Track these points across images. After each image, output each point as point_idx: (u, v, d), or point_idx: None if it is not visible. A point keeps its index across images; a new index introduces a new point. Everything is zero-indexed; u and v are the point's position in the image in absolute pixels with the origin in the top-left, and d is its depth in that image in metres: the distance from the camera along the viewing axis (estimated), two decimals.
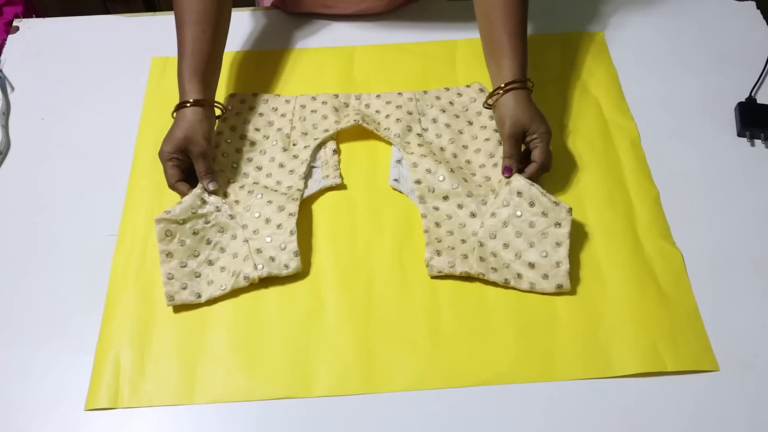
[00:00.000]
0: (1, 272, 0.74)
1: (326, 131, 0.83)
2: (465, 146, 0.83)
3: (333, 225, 0.77)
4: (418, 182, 0.78)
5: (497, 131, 0.83)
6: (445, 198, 0.77)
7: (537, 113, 0.78)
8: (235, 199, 0.77)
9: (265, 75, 0.92)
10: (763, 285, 0.72)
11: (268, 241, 0.73)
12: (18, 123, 0.88)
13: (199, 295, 0.71)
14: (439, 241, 0.74)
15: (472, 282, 0.72)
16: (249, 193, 0.77)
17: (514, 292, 0.71)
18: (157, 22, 1.00)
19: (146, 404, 0.65)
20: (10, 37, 0.98)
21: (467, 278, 0.72)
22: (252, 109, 0.87)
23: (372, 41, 0.96)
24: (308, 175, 0.80)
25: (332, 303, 0.71)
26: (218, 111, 0.81)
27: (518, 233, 0.73)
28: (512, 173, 0.76)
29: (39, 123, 0.88)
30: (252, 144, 0.83)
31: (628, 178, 0.80)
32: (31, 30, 0.99)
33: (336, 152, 0.83)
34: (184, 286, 0.71)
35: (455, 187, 0.77)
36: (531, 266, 0.72)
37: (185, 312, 0.71)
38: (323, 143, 0.83)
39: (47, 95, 0.91)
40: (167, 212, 0.73)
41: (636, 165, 0.82)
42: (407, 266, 0.74)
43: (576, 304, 0.71)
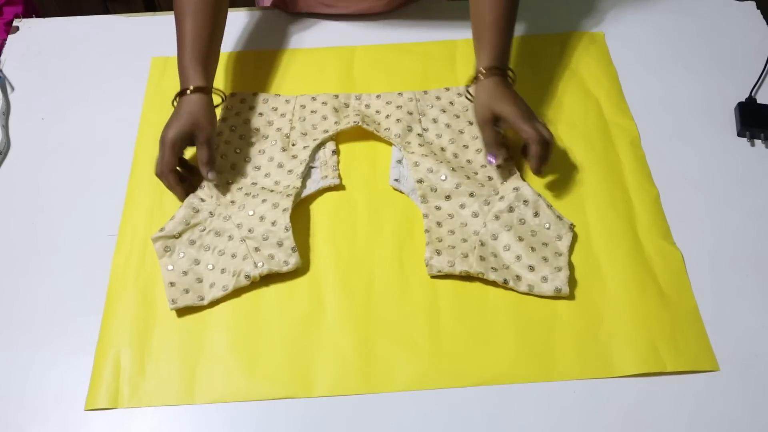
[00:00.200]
0: (1, 272, 0.74)
1: (326, 132, 0.83)
2: (466, 146, 0.83)
3: (333, 225, 0.77)
4: (420, 182, 0.78)
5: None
6: (448, 197, 0.77)
7: (505, 96, 0.76)
8: (231, 200, 0.77)
9: (265, 75, 0.92)
10: (763, 285, 0.72)
11: (265, 239, 0.73)
12: (18, 123, 0.88)
13: (202, 298, 0.71)
14: (440, 241, 0.74)
15: (472, 282, 0.72)
16: (246, 195, 0.77)
17: (514, 293, 0.71)
18: (157, 22, 1.00)
19: (146, 404, 0.65)
20: (10, 37, 0.98)
21: (467, 278, 0.72)
22: (252, 109, 0.87)
23: (372, 41, 0.96)
24: (307, 176, 0.80)
25: (332, 303, 0.71)
26: (218, 99, 0.82)
27: (520, 238, 0.73)
28: (497, 161, 0.76)
29: (39, 123, 0.88)
30: (251, 144, 0.83)
31: (628, 178, 0.80)
32: (31, 30, 0.99)
33: (335, 153, 0.82)
34: (187, 291, 0.71)
35: (457, 187, 0.77)
36: (531, 269, 0.72)
37: (185, 312, 0.71)
38: (323, 144, 0.83)
39: (47, 95, 0.91)
40: (162, 230, 0.73)
41: (636, 165, 0.82)
42: (407, 266, 0.74)
43: (576, 304, 0.71)
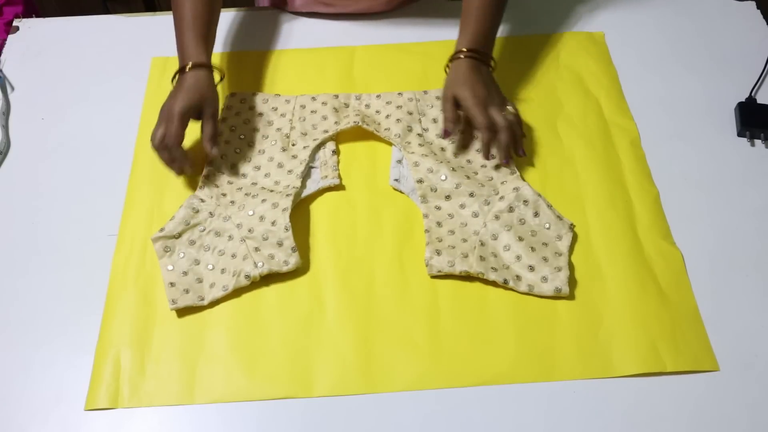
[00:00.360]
0: (1, 272, 0.74)
1: (326, 132, 0.83)
2: (466, 146, 0.83)
3: (333, 225, 0.77)
4: (420, 182, 0.78)
5: None
6: (448, 197, 0.77)
7: (468, 80, 0.79)
8: (231, 200, 0.77)
9: (265, 75, 0.92)
10: (763, 285, 0.72)
11: (265, 239, 0.73)
12: (18, 123, 0.88)
13: (202, 299, 0.71)
14: (440, 241, 0.74)
15: (472, 282, 0.72)
16: (246, 195, 0.77)
17: (515, 293, 0.71)
18: (157, 22, 1.00)
19: (146, 404, 0.65)
20: (10, 37, 0.98)
21: (467, 278, 0.72)
22: (251, 109, 0.87)
23: (372, 41, 0.96)
24: (307, 176, 0.80)
25: (332, 303, 0.71)
26: (218, 77, 0.82)
27: (520, 238, 0.73)
28: (449, 135, 0.80)
29: (39, 123, 0.88)
30: (251, 144, 0.83)
31: (628, 178, 0.80)
32: (31, 30, 0.99)
33: (335, 153, 0.82)
34: (187, 291, 0.71)
35: (457, 187, 0.77)
36: (531, 269, 0.71)
37: (185, 312, 0.71)
38: (323, 144, 0.83)
39: (47, 95, 0.91)
40: (162, 230, 0.74)
41: (636, 165, 0.82)
42: (407, 266, 0.74)
43: (576, 304, 0.71)
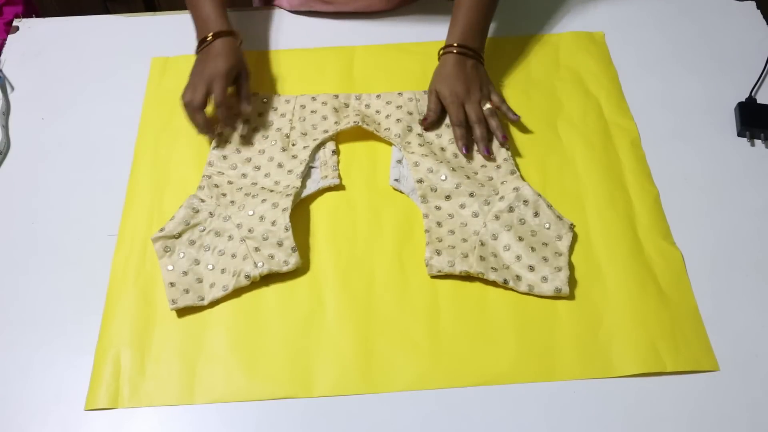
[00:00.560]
0: (1, 272, 0.74)
1: (326, 132, 0.83)
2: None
3: (333, 225, 0.77)
4: (420, 181, 0.78)
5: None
6: (448, 197, 0.77)
7: (449, 76, 0.82)
8: (231, 200, 0.77)
9: (265, 75, 0.92)
10: (763, 285, 0.72)
11: (265, 239, 0.73)
12: (18, 123, 0.88)
13: (202, 298, 0.71)
14: (440, 241, 0.74)
15: (472, 282, 0.72)
16: (246, 195, 0.77)
17: (515, 293, 0.71)
18: (157, 22, 1.00)
19: (146, 404, 0.65)
20: (10, 37, 0.98)
21: (467, 278, 0.72)
22: (251, 109, 0.87)
23: (372, 41, 0.96)
24: (307, 176, 0.80)
25: (332, 303, 0.71)
26: (238, 42, 0.86)
27: (520, 238, 0.73)
28: (426, 123, 0.83)
29: (39, 123, 0.88)
30: (251, 144, 0.83)
31: (628, 178, 0.80)
32: (31, 30, 0.99)
33: (335, 153, 0.82)
34: (187, 291, 0.71)
35: (457, 187, 0.77)
36: (531, 269, 0.71)
37: (185, 312, 0.71)
38: (323, 144, 0.83)
39: (47, 95, 0.91)
40: (162, 230, 0.74)
41: (636, 165, 0.82)
42: (407, 266, 0.74)
43: (576, 304, 0.71)
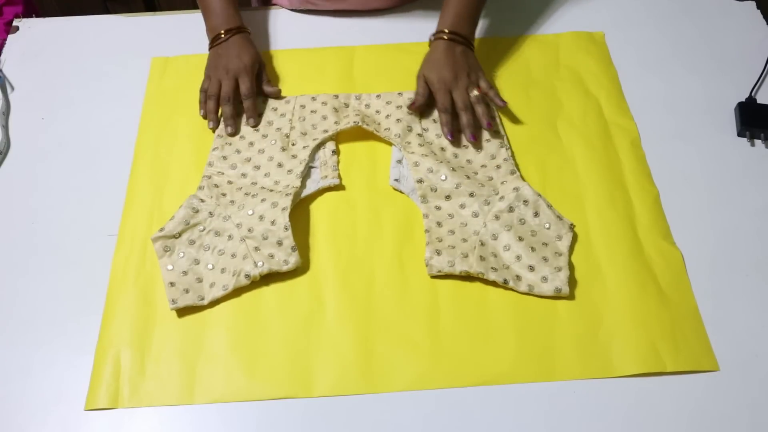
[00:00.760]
0: (1, 272, 0.74)
1: (325, 132, 0.83)
2: (465, 146, 0.83)
3: (333, 225, 0.77)
4: (420, 181, 0.78)
5: (498, 132, 0.83)
6: (448, 197, 0.77)
7: (437, 62, 0.84)
8: (231, 199, 0.77)
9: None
10: (763, 285, 0.72)
11: (264, 239, 0.73)
12: (18, 123, 0.88)
13: (202, 298, 0.71)
14: (440, 241, 0.74)
15: (472, 282, 0.72)
16: (245, 194, 0.77)
17: (515, 293, 0.71)
18: (157, 22, 1.00)
19: (146, 404, 0.65)
20: (10, 37, 0.98)
21: (467, 278, 0.72)
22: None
23: (372, 41, 0.96)
24: (307, 176, 0.80)
25: (332, 303, 0.71)
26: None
27: (520, 238, 0.73)
28: (413, 107, 0.84)
29: (39, 123, 0.88)
30: (251, 143, 0.83)
31: (628, 178, 0.80)
32: (31, 30, 0.99)
33: (335, 153, 0.82)
34: (187, 291, 0.71)
35: (457, 187, 0.77)
36: (531, 269, 0.71)
37: (185, 312, 0.71)
38: (322, 144, 0.83)
39: (47, 95, 0.91)
40: (161, 230, 0.74)
41: (636, 165, 0.82)
42: (407, 266, 0.73)
43: (576, 304, 0.71)
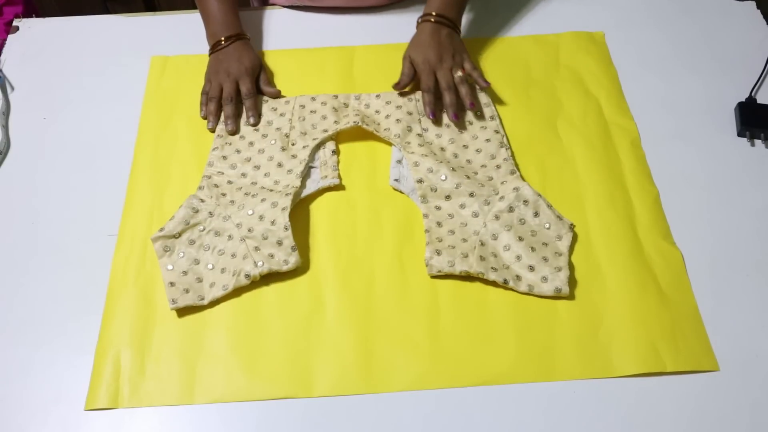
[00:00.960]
0: (1, 272, 0.74)
1: (325, 131, 0.83)
2: (465, 146, 0.83)
3: (333, 225, 0.77)
4: (420, 182, 0.78)
5: (498, 132, 0.83)
6: (448, 197, 0.77)
7: (422, 44, 0.86)
8: (231, 199, 0.77)
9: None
10: (764, 285, 0.72)
11: (264, 239, 0.73)
12: (18, 123, 0.88)
13: (202, 298, 0.71)
14: (440, 241, 0.74)
15: (472, 282, 0.72)
16: (245, 194, 0.77)
17: (515, 293, 0.71)
18: (157, 22, 1.00)
19: (146, 404, 0.65)
20: (10, 37, 0.98)
21: (467, 278, 0.72)
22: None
23: (372, 41, 0.96)
24: (307, 175, 0.80)
25: (332, 303, 0.71)
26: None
27: (520, 238, 0.73)
28: (399, 87, 0.87)
29: (39, 123, 0.88)
30: (251, 143, 0.83)
31: (628, 178, 0.80)
32: (31, 30, 0.99)
33: (335, 153, 0.82)
34: (187, 290, 0.71)
35: (457, 187, 0.77)
36: (531, 269, 0.71)
37: (185, 312, 0.71)
38: (322, 143, 0.83)
39: (47, 95, 0.91)
40: (161, 230, 0.74)
41: (636, 165, 0.82)
42: (407, 266, 0.73)
43: (576, 304, 0.71)
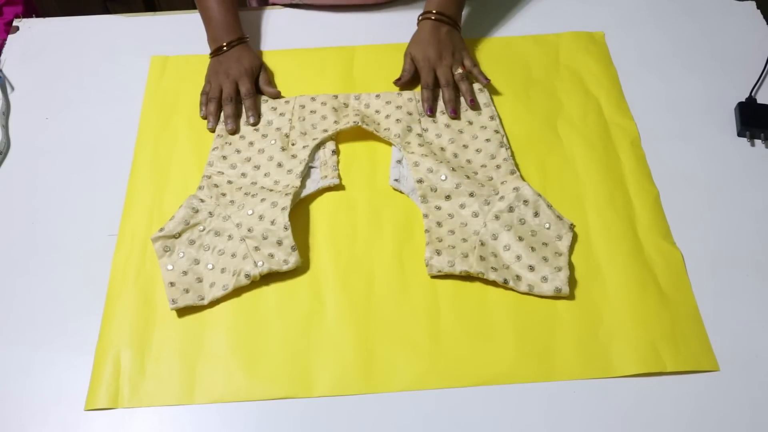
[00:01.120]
0: (1, 272, 0.74)
1: (325, 131, 0.83)
2: (465, 146, 0.83)
3: (333, 225, 0.77)
4: (420, 181, 0.78)
5: (498, 132, 0.83)
6: (448, 197, 0.77)
7: (422, 41, 0.87)
8: (231, 199, 0.77)
9: None
10: (763, 285, 0.72)
11: (264, 239, 0.73)
12: (18, 123, 0.88)
13: (202, 298, 0.71)
14: (440, 241, 0.74)
15: (472, 282, 0.72)
16: (245, 194, 0.77)
17: (515, 293, 0.71)
18: (157, 22, 1.00)
19: (146, 404, 0.65)
20: (10, 37, 0.98)
21: (467, 278, 0.72)
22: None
23: (372, 40, 0.96)
24: (307, 175, 0.80)
25: (332, 303, 0.71)
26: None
27: (520, 238, 0.73)
28: (399, 83, 0.88)
29: (39, 123, 0.88)
30: (251, 143, 0.83)
31: (628, 178, 0.80)
32: (31, 30, 0.99)
33: (335, 153, 0.82)
34: (187, 290, 0.71)
35: (457, 187, 0.77)
36: (531, 269, 0.71)
37: (185, 312, 0.71)
38: (322, 143, 0.83)
39: (47, 95, 0.91)
40: (161, 230, 0.74)
41: (636, 165, 0.82)
42: (407, 266, 0.74)
43: (576, 304, 0.71)
